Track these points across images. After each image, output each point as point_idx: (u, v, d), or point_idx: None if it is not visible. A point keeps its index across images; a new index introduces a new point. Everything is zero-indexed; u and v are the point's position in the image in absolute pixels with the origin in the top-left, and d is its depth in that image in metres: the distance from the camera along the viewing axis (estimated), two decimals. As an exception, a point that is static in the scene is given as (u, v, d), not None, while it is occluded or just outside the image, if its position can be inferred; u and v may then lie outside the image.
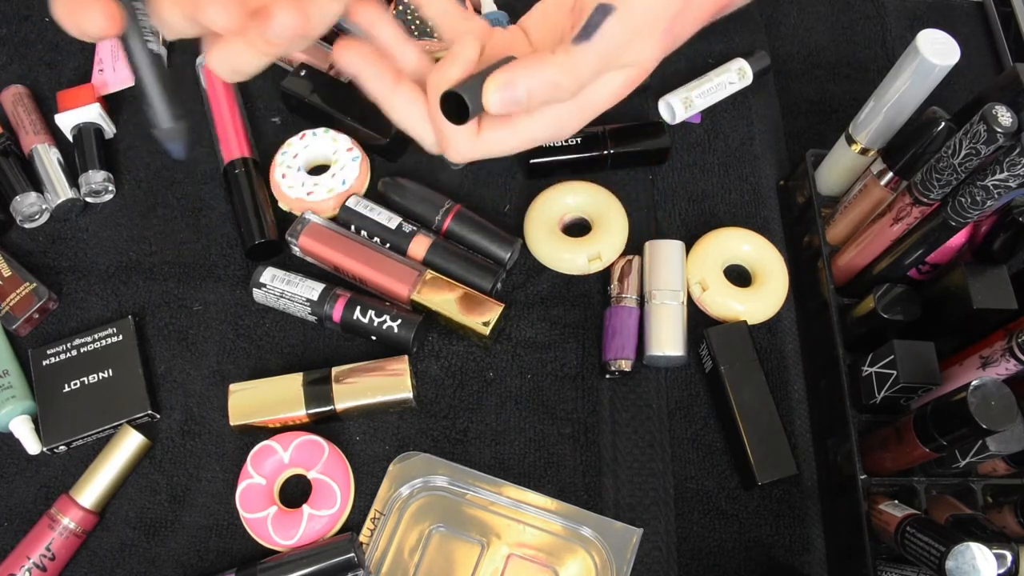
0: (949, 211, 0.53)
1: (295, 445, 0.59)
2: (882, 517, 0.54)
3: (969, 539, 0.46)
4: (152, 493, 0.60)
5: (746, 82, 0.75)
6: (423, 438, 0.62)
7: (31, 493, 0.60)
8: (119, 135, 0.73)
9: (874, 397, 0.57)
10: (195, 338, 0.65)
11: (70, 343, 0.63)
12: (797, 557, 0.60)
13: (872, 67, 0.80)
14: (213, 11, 0.32)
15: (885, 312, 0.58)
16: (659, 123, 0.72)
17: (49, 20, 0.78)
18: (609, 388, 0.64)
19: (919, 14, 0.84)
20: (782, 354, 0.66)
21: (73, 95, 0.71)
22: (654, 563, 0.59)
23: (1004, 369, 0.52)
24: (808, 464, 0.62)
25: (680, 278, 0.65)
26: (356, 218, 0.67)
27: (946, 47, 0.54)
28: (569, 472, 0.61)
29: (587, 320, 0.66)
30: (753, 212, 0.71)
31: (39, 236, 0.69)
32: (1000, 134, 0.47)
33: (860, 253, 0.62)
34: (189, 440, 0.62)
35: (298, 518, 0.57)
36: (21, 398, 0.61)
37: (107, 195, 0.70)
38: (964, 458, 0.55)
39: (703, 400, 0.64)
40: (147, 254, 0.68)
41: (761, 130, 0.75)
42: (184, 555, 0.59)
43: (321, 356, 0.65)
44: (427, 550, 0.58)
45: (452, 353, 0.65)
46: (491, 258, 0.67)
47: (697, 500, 0.61)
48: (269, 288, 0.64)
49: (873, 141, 0.61)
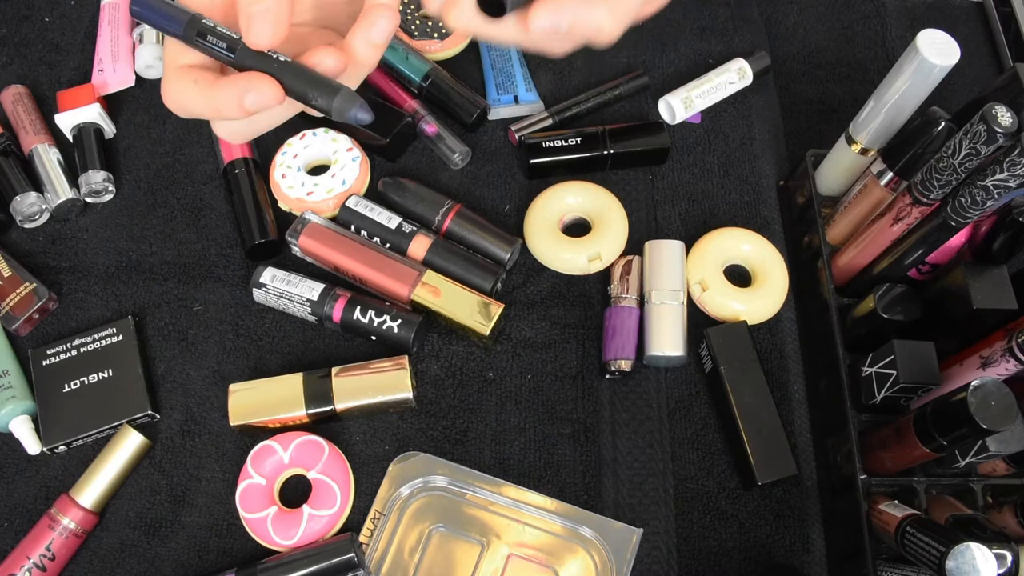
0: (949, 211, 0.53)
1: (295, 445, 0.59)
2: (882, 517, 0.54)
3: (969, 539, 0.46)
4: (152, 493, 0.60)
5: (746, 82, 0.75)
6: (423, 438, 0.62)
7: (31, 493, 0.60)
8: (119, 135, 0.73)
9: (874, 397, 0.57)
10: (195, 338, 0.65)
11: (70, 343, 0.63)
12: (797, 557, 0.60)
13: (872, 67, 0.80)
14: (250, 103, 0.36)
15: (885, 312, 0.58)
16: (659, 123, 0.72)
17: (49, 20, 0.79)
18: (609, 388, 0.64)
19: (919, 14, 0.84)
20: (782, 354, 0.66)
21: (73, 95, 0.71)
22: (654, 563, 0.59)
23: (1004, 369, 0.52)
24: (808, 464, 0.62)
25: (680, 278, 0.65)
26: (356, 218, 0.67)
27: (946, 47, 0.54)
28: (569, 472, 0.61)
29: (587, 320, 0.66)
30: (753, 212, 0.71)
31: (39, 236, 0.69)
32: (1000, 134, 0.47)
33: (860, 253, 0.62)
34: (189, 440, 0.62)
35: (298, 518, 0.57)
36: (21, 398, 0.61)
37: (107, 195, 0.70)
38: (964, 458, 0.55)
39: (703, 400, 0.64)
40: (147, 254, 0.68)
41: (761, 130, 0.75)
42: (184, 555, 0.59)
43: (321, 356, 0.65)
44: (427, 550, 0.58)
45: (452, 353, 0.65)
46: (491, 258, 0.67)
47: (697, 500, 0.61)
48: (269, 288, 0.64)
49: (873, 141, 0.61)
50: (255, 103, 0.35)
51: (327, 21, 0.43)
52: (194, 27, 0.37)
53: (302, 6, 0.42)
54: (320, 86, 0.36)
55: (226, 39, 0.36)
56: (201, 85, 0.36)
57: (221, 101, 0.35)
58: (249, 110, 0.35)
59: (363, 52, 0.38)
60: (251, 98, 0.35)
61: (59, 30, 0.78)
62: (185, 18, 0.37)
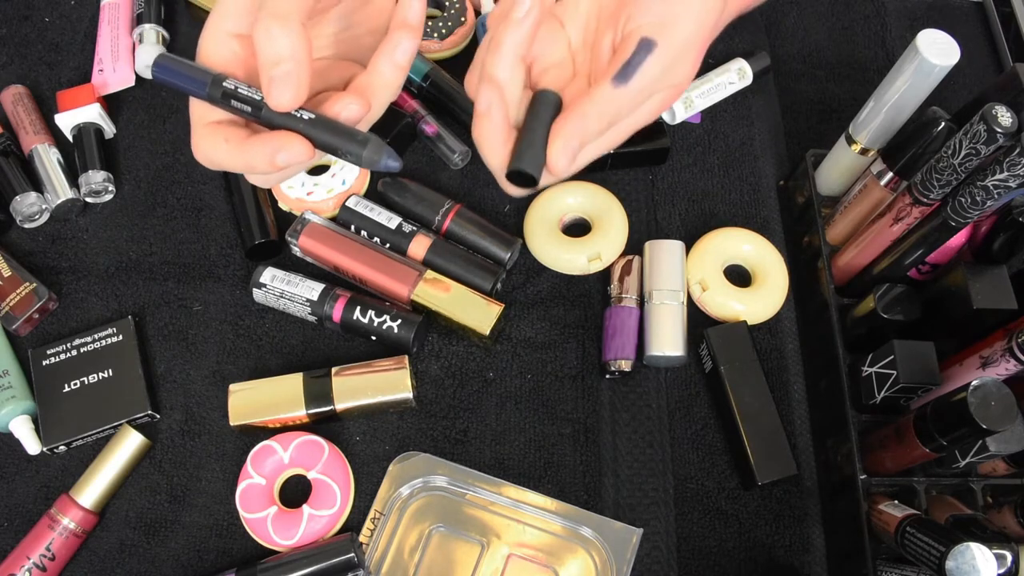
0: (949, 211, 0.53)
1: (295, 445, 0.59)
2: (882, 517, 0.54)
3: (969, 539, 0.46)
4: (152, 493, 0.60)
5: (746, 82, 0.75)
6: (423, 438, 0.62)
7: (31, 493, 0.60)
8: (119, 135, 0.73)
9: (874, 397, 0.57)
10: (195, 338, 0.65)
11: (70, 343, 0.63)
12: (797, 557, 0.60)
13: (872, 67, 0.80)
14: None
15: (885, 312, 0.58)
16: (659, 123, 0.72)
17: (49, 20, 0.79)
18: (609, 388, 0.64)
19: (919, 14, 0.84)
20: (782, 354, 0.66)
21: (73, 95, 0.71)
22: (654, 563, 0.59)
23: (1004, 369, 0.52)
24: (808, 464, 0.62)
25: (680, 278, 0.65)
26: (356, 218, 0.67)
27: (946, 47, 0.54)
28: (569, 472, 0.61)
29: (587, 320, 0.66)
30: (753, 212, 0.71)
31: (39, 236, 0.69)
32: (1000, 134, 0.47)
33: (860, 253, 0.62)
34: (189, 440, 0.62)
35: (298, 518, 0.57)
36: (21, 398, 0.61)
37: (107, 195, 0.70)
38: (964, 458, 0.55)
39: (703, 400, 0.64)
40: (147, 254, 0.68)
41: (761, 130, 0.75)
42: (184, 555, 0.59)
43: (321, 356, 0.65)
44: (427, 550, 0.58)
45: (452, 353, 0.65)
46: (491, 258, 0.67)
47: (697, 500, 0.61)
48: (269, 288, 0.64)
49: (873, 141, 0.61)
50: (287, 161, 0.36)
51: (347, 54, 0.43)
52: (218, 89, 0.37)
53: (323, 41, 0.42)
54: (348, 139, 0.36)
55: (249, 102, 0.37)
56: (232, 144, 0.37)
57: (253, 159, 0.36)
58: (281, 167, 0.36)
59: (388, 74, 0.38)
60: (283, 157, 0.36)
61: (59, 30, 0.78)
62: (208, 79, 0.37)
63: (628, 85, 0.38)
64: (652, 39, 0.37)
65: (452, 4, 0.76)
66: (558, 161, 0.38)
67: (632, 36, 0.38)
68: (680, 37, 0.38)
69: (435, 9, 0.77)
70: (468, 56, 0.78)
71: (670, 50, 0.38)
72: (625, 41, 0.38)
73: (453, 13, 0.75)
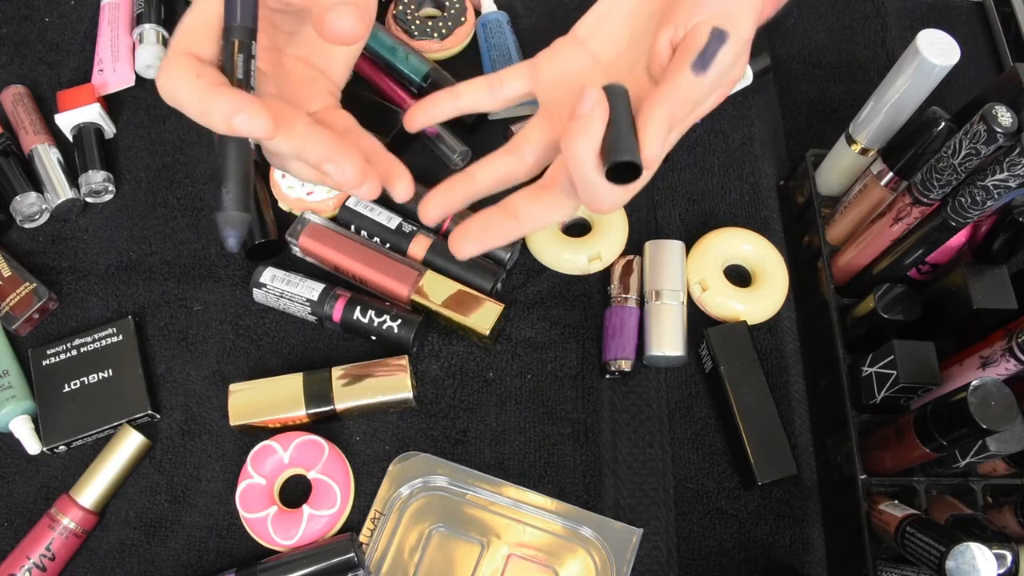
0: (949, 211, 0.53)
1: (295, 445, 0.59)
2: (882, 517, 0.54)
3: (969, 539, 0.46)
4: (152, 493, 0.60)
5: (746, 82, 0.75)
6: (423, 438, 0.62)
7: (31, 493, 0.60)
8: (119, 135, 0.73)
9: (874, 397, 0.57)
10: (195, 338, 0.65)
11: (70, 343, 0.63)
12: (797, 557, 0.60)
13: (872, 67, 0.80)
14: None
15: (885, 312, 0.58)
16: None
17: (49, 20, 0.79)
18: (609, 388, 0.64)
19: (919, 14, 0.84)
20: (782, 354, 0.66)
21: (73, 95, 0.71)
22: (654, 563, 0.59)
23: (1004, 369, 0.52)
24: (808, 464, 0.62)
25: (680, 278, 0.65)
26: (356, 218, 0.67)
27: (946, 47, 0.54)
28: (569, 472, 0.61)
29: (587, 320, 0.66)
30: (753, 212, 0.71)
31: (39, 236, 0.69)
32: (1000, 134, 0.47)
33: (860, 253, 0.62)
34: (189, 440, 0.62)
35: (298, 518, 0.57)
36: (21, 398, 0.61)
37: (107, 195, 0.70)
38: (964, 458, 0.55)
39: (703, 400, 0.64)
40: (147, 254, 0.68)
41: (761, 130, 0.75)
42: (184, 555, 0.59)
43: (321, 356, 0.65)
44: (427, 550, 0.58)
45: (452, 353, 0.65)
46: (491, 258, 0.67)
47: (697, 500, 0.61)
48: (269, 288, 0.64)
49: (873, 141, 0.61)
50: (242, 126, 0.34)
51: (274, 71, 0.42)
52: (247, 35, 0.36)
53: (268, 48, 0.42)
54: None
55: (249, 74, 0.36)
56: (202, 81, 0.35)
57: (213, 108, 0.35)
58: (233, 130, 0.35)
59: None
60: (241, 120, 0.34)
61: (59, 30, 0.78)
62: (255, 9, 0.36)
63: (707, 73, 0.37)
64: (724, 29, 0.37)
65: (452, 4, 0.76)
66: (653, 147, 0.36)
67: (701, 28, 0.38)
68: (745, 30, 0.38)
69: (435, 9, 0.77)
70: (468, 56, 0.78)
71: (738, 41, 0.38)
72: (694, 33, 0.38)
73: (453, 13, 0.75)
